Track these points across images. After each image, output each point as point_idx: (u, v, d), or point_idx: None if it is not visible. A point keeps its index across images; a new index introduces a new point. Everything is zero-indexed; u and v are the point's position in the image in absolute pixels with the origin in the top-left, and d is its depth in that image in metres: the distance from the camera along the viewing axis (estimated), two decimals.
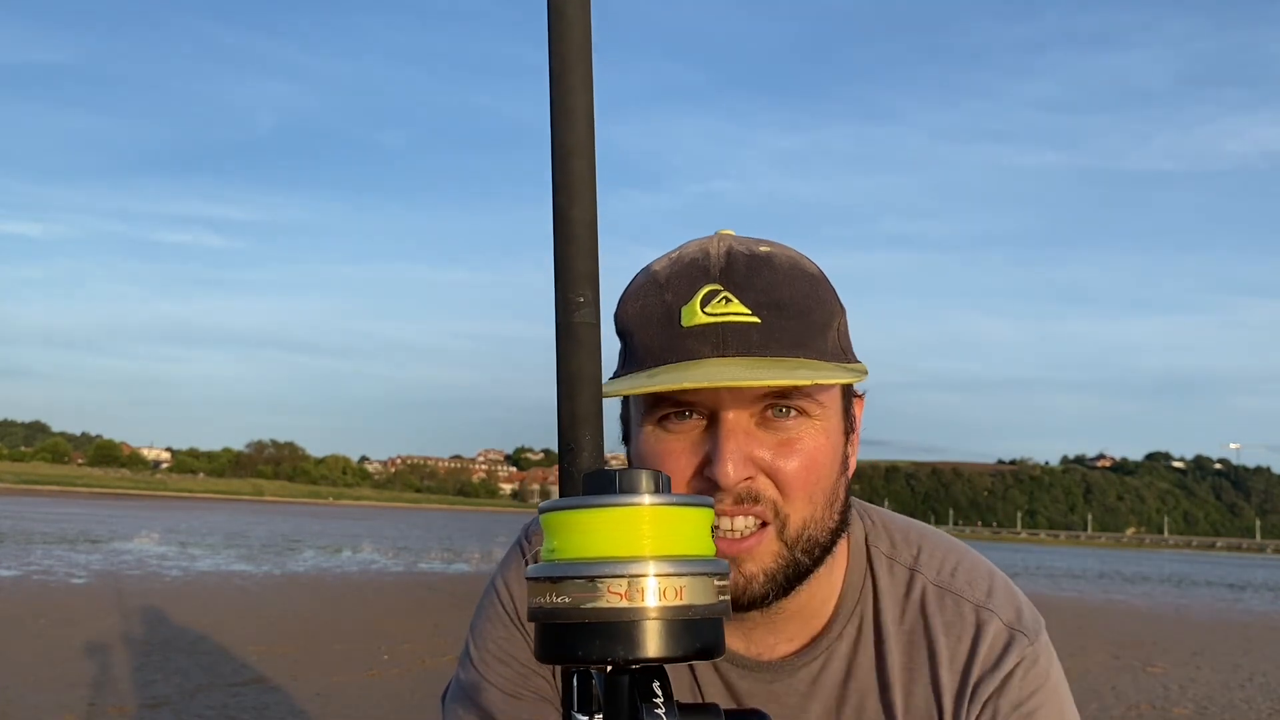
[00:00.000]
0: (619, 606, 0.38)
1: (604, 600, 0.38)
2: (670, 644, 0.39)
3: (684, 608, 0.39)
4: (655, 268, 0.94)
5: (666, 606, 0.38)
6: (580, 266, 0.43)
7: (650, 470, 0.41)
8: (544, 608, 0.40)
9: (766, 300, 0.88)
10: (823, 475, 0.91)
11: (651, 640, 0.38)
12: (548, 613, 0.40)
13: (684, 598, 0.39)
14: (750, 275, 0.89)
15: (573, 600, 0.39)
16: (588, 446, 0.44)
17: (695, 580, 0.39)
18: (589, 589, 0.39)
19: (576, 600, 0.39)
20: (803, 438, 0.89)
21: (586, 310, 0.43)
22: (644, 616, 0.38)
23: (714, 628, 0.40)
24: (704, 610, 0.39)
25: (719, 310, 0.88)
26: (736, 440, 0.87)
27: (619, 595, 0.38)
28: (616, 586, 0.38)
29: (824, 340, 0.91)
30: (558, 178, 0.43)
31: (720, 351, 0.86)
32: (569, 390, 0.44)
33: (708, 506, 0.42)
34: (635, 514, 0.39)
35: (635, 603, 0.38)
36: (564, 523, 0.40)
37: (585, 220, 0.43)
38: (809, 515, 0.90)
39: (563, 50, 0.43)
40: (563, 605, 0.39)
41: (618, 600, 0.38)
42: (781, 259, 0.92)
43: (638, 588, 0.38)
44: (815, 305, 0.91)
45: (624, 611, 0.38)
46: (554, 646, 0.40)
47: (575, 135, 0.43)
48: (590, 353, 0.44)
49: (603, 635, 0.38)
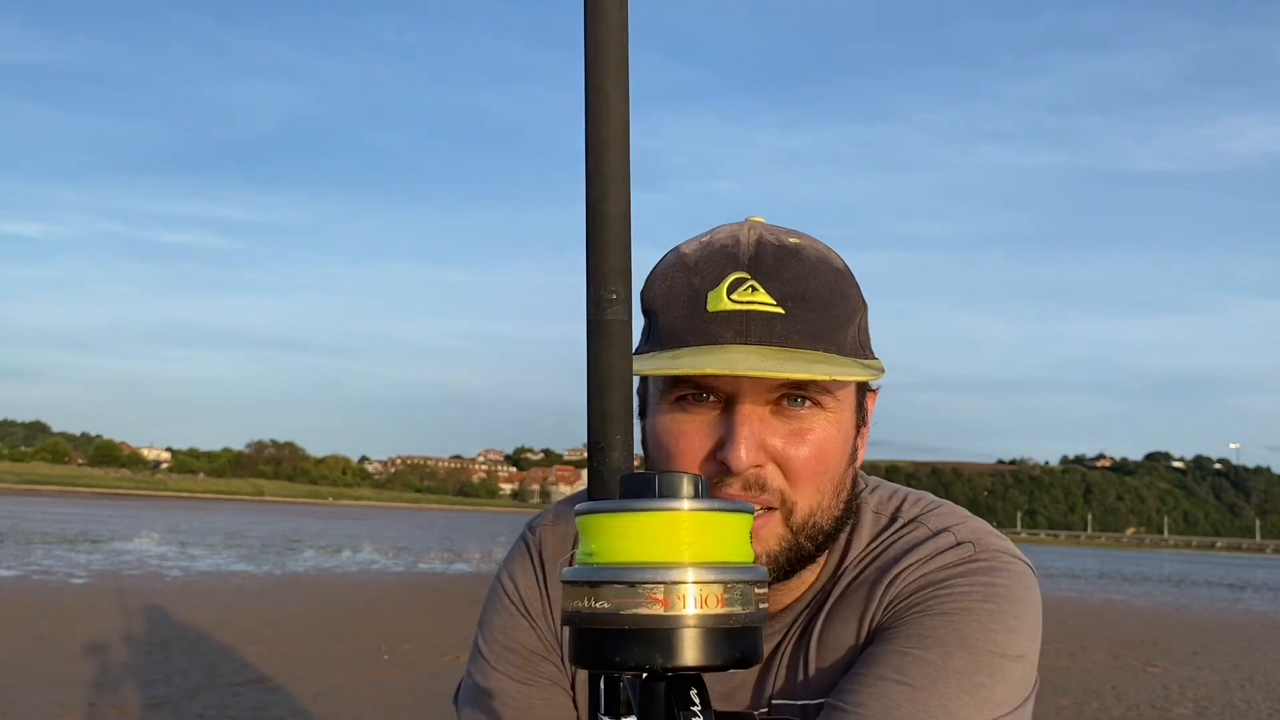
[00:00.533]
0: (659, 614, 0.38)
1: (643, 607, 0.38)
2: (709, 653, 0.38)
3: (723, 616, 0.38)
4: (685, 250, 0.95)
5: (706, 614, 0.38)
6: (612, 262, 0.43)
7: (690, 474, 0.40)
8: (581, 612, 0.39)
9: (792, 292, 0.89)
10: (831, 465, 0.92)
11: (690, 649, 0.38)
12: (585, 617, 0.39)
13: (723, 606, 0.38)
14: (778, 266, 0.90)
15: (612, 606, 0.38)
16: (618, 445, 0.43)
17: (735, 588, 0.39)
18: (628, 595, 0.38)
19: (616, 606, 0.38)
20: (815, 428, 0.90)
21: (618, 307, 0.43)
22: (683, 624, 0.38)
23: (752, 636, 0.40)
24: (743, 619, 0.39)
25: (745, 298, 0.89)
26: (751, 426, 0.88)
27: (658, 602, 0.38)
28: (656, 593, 0.38)
29: (844, 335, 0.92)
30: (591, 169, 0.42)
31: (743, 339, 0.87)
32: (599, 389, 0.43)
33: (747, 512, 0.41)
34: (675, 519, 0.39)
35: (675, 610, 0.38)
36: (602, 526, 0.40)
37: (618, 214, 0.42)
38: (816, 504, 0.92)
39: (598, 38, 0.42)
40: (601, 610, 0.38)
41: (657, 607, 0.38)
42: (810, 252, 0.93)
43: (677, 595, 0.38)
44: (839, 300, 0.92)
45: (663, 619, 0.38)
46: (592, 651, 0.39)
47: (610, 126, 0.42)
48: (622, 351, 0.43)
49: (642, 642, 0.38)
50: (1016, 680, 0.88)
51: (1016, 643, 0.89)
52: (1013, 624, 0.90)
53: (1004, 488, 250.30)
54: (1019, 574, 0.95)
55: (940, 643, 0.88)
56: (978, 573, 0.93)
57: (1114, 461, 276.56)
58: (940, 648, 0.87)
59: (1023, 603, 0.92)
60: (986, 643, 0.88)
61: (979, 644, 0.87)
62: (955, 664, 0.86)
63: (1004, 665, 0.87)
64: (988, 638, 0.88)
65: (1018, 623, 0.90)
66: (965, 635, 0.88)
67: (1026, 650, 0.90)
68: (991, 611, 0.90)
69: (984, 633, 0.88)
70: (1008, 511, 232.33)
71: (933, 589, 0.92)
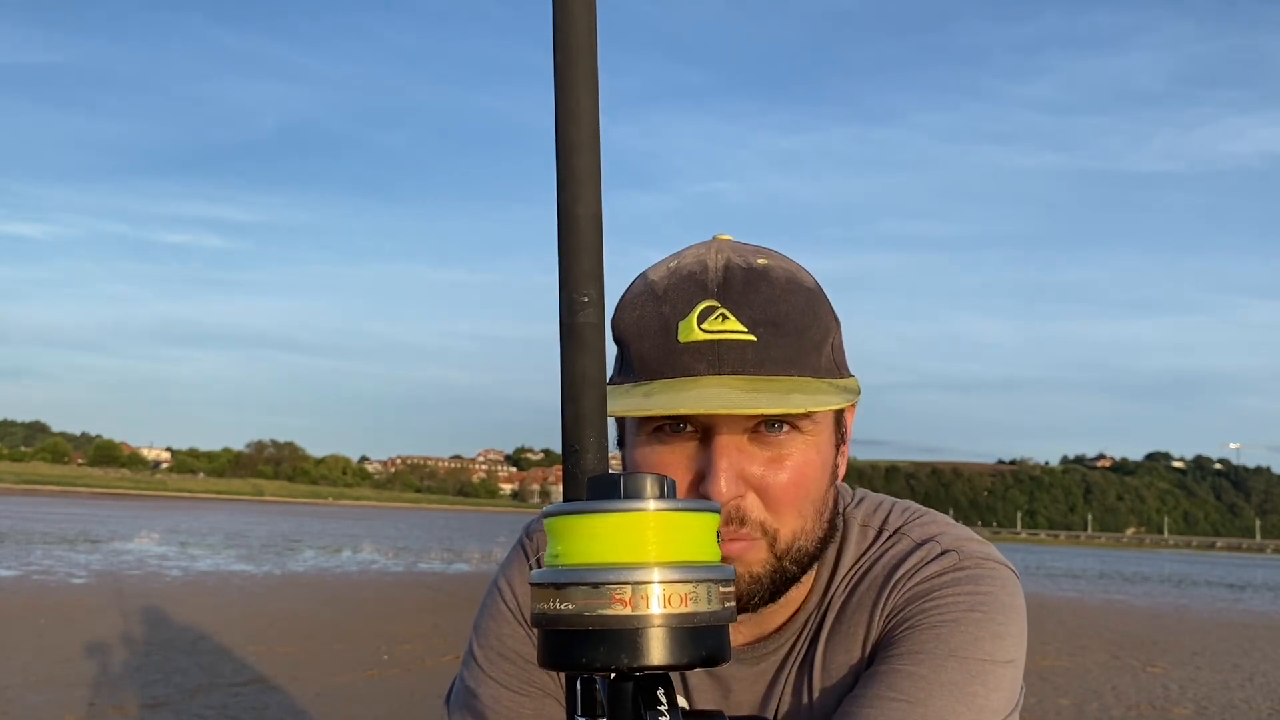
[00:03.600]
0: (624, 614, 0.38)
1: (609, 607, 0.38)
2: (675, 652, 0.38)
3: (689, 615, 0.38)
4: (653, 277, 0.94)
5: (671, 614, 0.38)
6: (584, 265, 0.43)
7: (656, 475, 0.40)
8: (548, 614, 0.39)
9: (763, 318, 0.89)
10: (811, 488, 0.92)
11: (656, 648, 0.38)
12: (551, 619, 0.39)
13: (689, 605, 0.38)
14: (747, 292, 0.90)
15: (577, 607, 0.38)
16: (592, 448, 0.43)
17: (700, 587, 0.39)
18: (593, 595, 0.38)
19: (581, 607, 0.38)
20: (793, 453, 0.91)
21: (590, 310, 0.43)
22: (649, 624, 0.38)
23: (719, 635, 0.40)
24: (709, 617, 0.39)
25: (716, 328, 0.88)
26: (729, 458, 0.88)
27: (623, 602, 0.38)
28: (621, 593, 0.38)
29: (818, 357, 0.92)
30: (562, 173, 0.43)
31: (716, 369, 0.87)
32: (573, 392, 0.43)
33: (714, 511, 0.41)
34: (640, 519, 0.39)
35: (640, 610, 0.38)
36: (568, 528, 0.40)
37: (589, 217, 0.42)
38: (799, 528, 0.92)
39: (567, 43, 0.42)
40: (567, 612, 0.38)
41: (622, 608, 0.38)
42: (779, 272, 0.93)
43: (642, 595, 0.38)
44: (811, 321, 0.92)
45: (629, 619, 0.38)
46: (558, 653, 0.39)
47: (579, 130, 0.42)
48: (594, 354, 0.43)
49: (607, 642, 0.38)
50: (1008, 686, 0.90)
51: (1005, 649, 0.91)
52: (1000, 630, 0.91)
53: (1004, 488, 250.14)
54: (1002, 580, 0.96)
55: (932, 656, 0.89)
56: (963, 582, 0.94)
57: (1114, 461, 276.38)
58: (932, 661, 0.89)
59: (1008, 608, 0.94)
60: (977, 652, 0.89)
61: (970, 654, 0.89)
62: (948, 676, 0.88)
63: (995, 672, 0.89)
64: (977, 647, 0.90)
65: (1004, 629, 0.92)
66: (955, 647, 0.89)
67: (1015, 655, 0.92)
68: (979, 620, 0.91)
69: (973, 642, 0.90)
70: (1008, 511, 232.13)
71: (921, 601, 0.94)
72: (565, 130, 0.42)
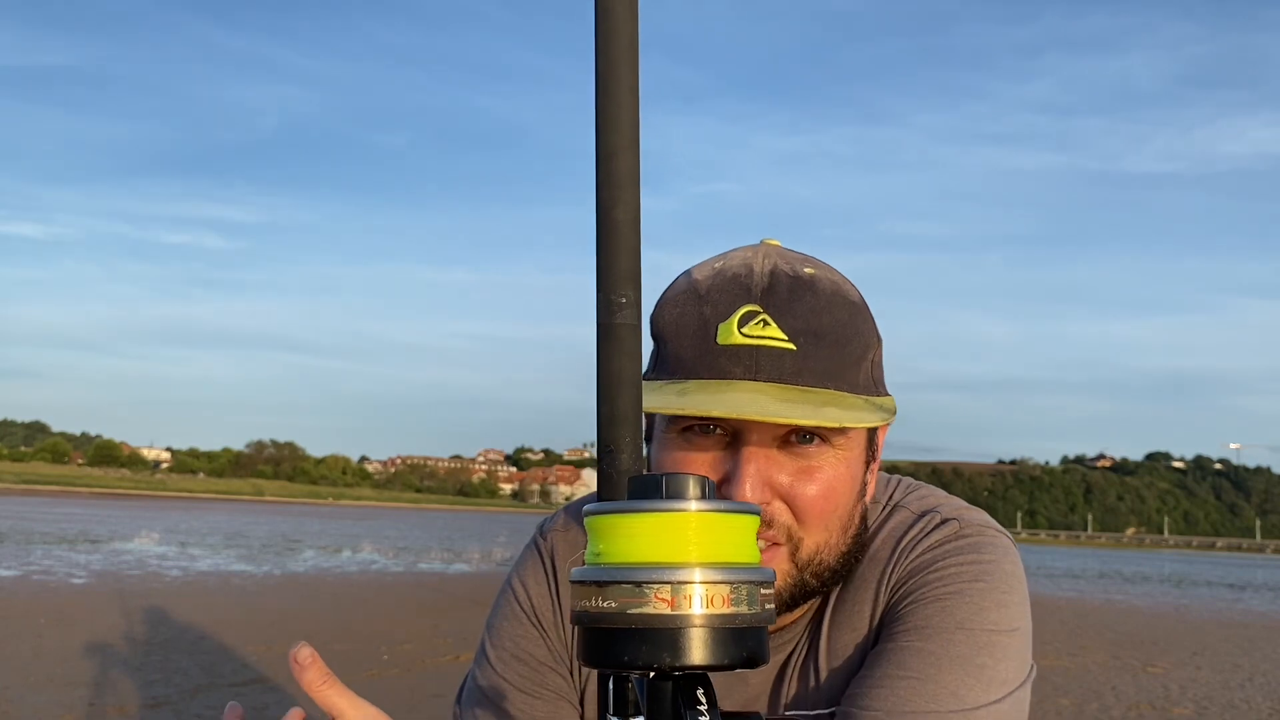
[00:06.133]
0: (665, 613, 0.38)
1: (650, 606, 0.38)
2: (715, 652, 0.38)
3: (729, 616, 0.38)
4: (697, 276, 0.93)
5: (712, 614, 0.38)
6: (622, 266, 0.43)
7: (698, 475, 0.40)
8: (589, 612, 0.39)
9: (804, 327, 0.87)
10: (840, 504, 0.91)
11: (697, 648, 0.38)
12: (593, 617, 0.39)
13: (730, 606, 0.39)
14: (791, 300, 0.89)
15: (619, 605, 0.38)
16: (627, 448, 0.43)
17: (741, 588, 0.39)
18: (635, 594, 0.38)
19: (622, 605, 0.38)
20: (824, 466, 0.89)
21: (628, 311, 0.43)
22: (689, 624, 0.38)
23: (759, 636, 0.40)
24: (749, 619, 0.39)
25: (756, 333, 0.87)
26: (757, 464, 0.87)
27: (665, 602, 0.38)
28: (663, 593, 0.38)
29: (857, 372, 0.90)
30: (601, 176, 0.43)
31: (752, 375, 0.86)
32: (608, 392, 0.43)
33: (754, 514, 0.42)
34: (682, 520, 0.39)
35: (681, 610, 0.38)
36: (610, 526, 0.40)
37: (629, 220, 0.43)
38: (823, 541, 0.91)
39: (609, 48, 0.42)
40: (609, 610, 0.39)
41: (664, 607, 0.38)
42: (825, 284, 0.91)
43: (684, 594, 0.38)
44: (853, 336, 0.90)
45: (670, 618, 0.38)
46: (599, 651, 0.40)
47: (620, 134, 0.43)
48: (630, 354, 0.43)
49: (649, 641, 0.38)
50: (1016, 654, 0.89)
51: (1010, 617, 0.90)
52: (1004, 599, 0.91)
53: (1004, 488, 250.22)
54: (1003, 548, 0.96)
55: (938, 631, 0.88)
56: (965, 551, 0.93)
57: (1114, 461, 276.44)
58: (939, 636, 0.88)
59: (1010, 576, 0.93)
60: (983, 622, 0.89)
61: (976, 624, 0.88)
62: (956, 649, 0.87)
63: (1003, 642, 0.89)
64: (983, 617, 0.89)
65: (1008, 597, 0.91)
66: (961, 619, 0.89)
67: (1020, 624, 0.91)
68: (983, 590, 0.90)
69: (979, 613, 0.89)
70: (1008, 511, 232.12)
71: (924, 573, 0.93)
72: (606, 134, 0.43)
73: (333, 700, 0.76)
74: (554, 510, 1.13)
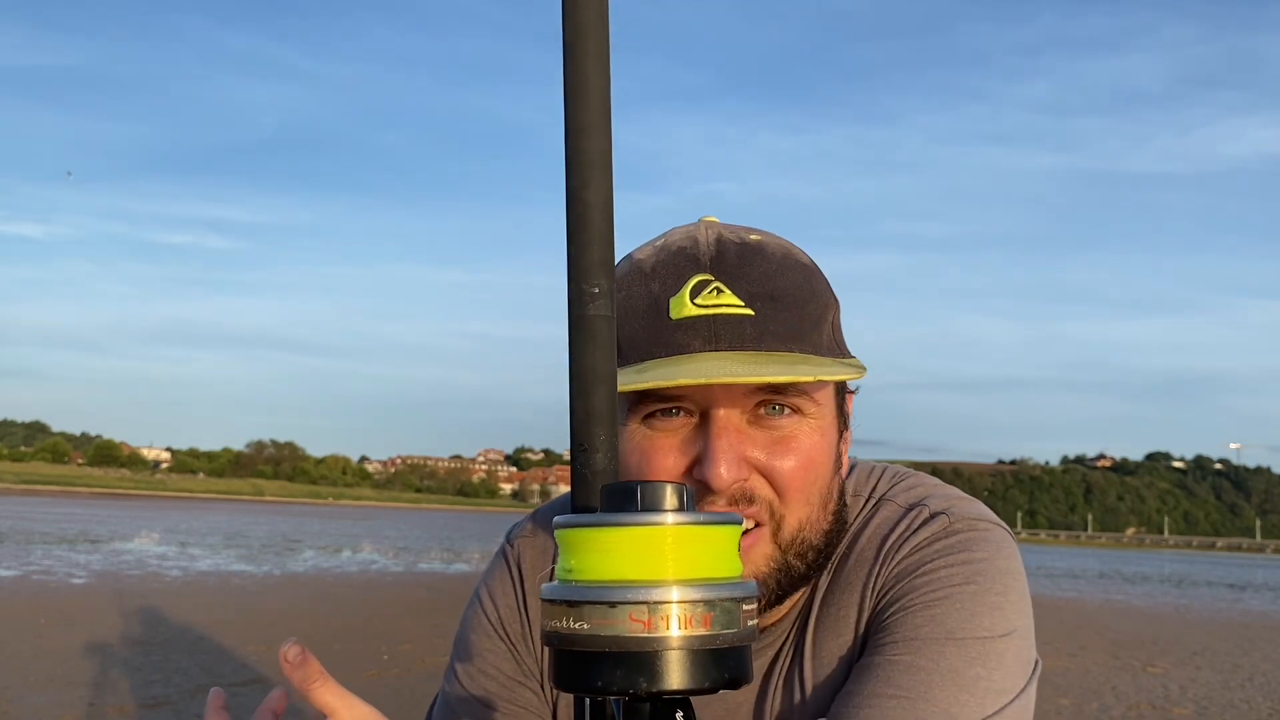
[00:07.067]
0: (641, 635, 0.35)
1: (626, 628, 0.35)
2: (695, 675, 0.36)
3: (710, 636, 0.36)
4: (639, 256, 0.89)
5: (691, 635, 0.35)
6: (594, 254, 0.40)
7: (676, 484, 0.38)
8: (560, 633, 0.37)
9: (760, 291, 0.83)
10: (819, 475, 0.86)
11: (675, 671, 0.35)
12: (565, 639, 0.37)
13: (710, 626, 0.36)
14: (742, 265, 0.85)
15: (592, 627, 0.36)
16: (602, 447, 0.40)
17: (722, 606, 0.36)
18: (609, 615, 0.36)
19: (596, 627, 0.36)
20: (798, 436, 0.85)
21: (601, 302, 0.40)
22: (667, 646, 0.35)
23: (740, 656, 0.37)
24: (731, 638, 0.36)
25: (710, 302, 0.83)
26: (729, 439, 0.82)
27: (641, 623, 0.35)
28: (639, 614, 0.35)
29: (819, 334, 0.86)
30: (570, 156, 0.40)
31: (712, 345, 0.81)
32: (582, 387, 0.40)
33: (735, 524, 0.39)
34: (658, 534, 0.36)
35: (658, 631, 0.35)
36: (582, 540, 0.37)
37: (600, 203, 0.40)
38: (805, 517, 0.86)
39: (578, 18, 0.39)
40: (581, 632, 0.36)
41: (640, 629, 0.35)
42: (774, 247, 0.88)
43: (661, 615, 0.35)
44: (810, 297, 0.86)
45: (647, 641, 0.35)
46: (572, 674, 0.37)
47: (589, 110, 0.40)
48: (605, 348, 0.41)
49: (625, 665, 0.35)
50: (1013, 659, 0.83)
51: (1005, 619, 0.84)
52: (997, 600, 0.85)
53: (1004, 488, 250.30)
54: (996, 542, 0.89)
55: (928, 643, 0.82)
56: (954, 550, 0.87)
57: (1114, 461, 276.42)
58: (929, 648, 0.82)
59: (1005, 574, 0.87)
60: (974, 629, 0.83)
61: (968, 633, 0.82)
62: (948, 662, 0.81)
63: (997, 648, 0.82)
64: (974, 623, 0.83)
65: (1002, 598, 0.85)
66: (952, 628, 0.83)
67: (1017, 624, 0.85)
68: (974, 593, 0.84)
69: (970, 619, 0.83)
70: (1008, 511, 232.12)
71: (911, 578, 0.87)
72: (574, 110, 0.40)
73: (325, 699, 0.73)
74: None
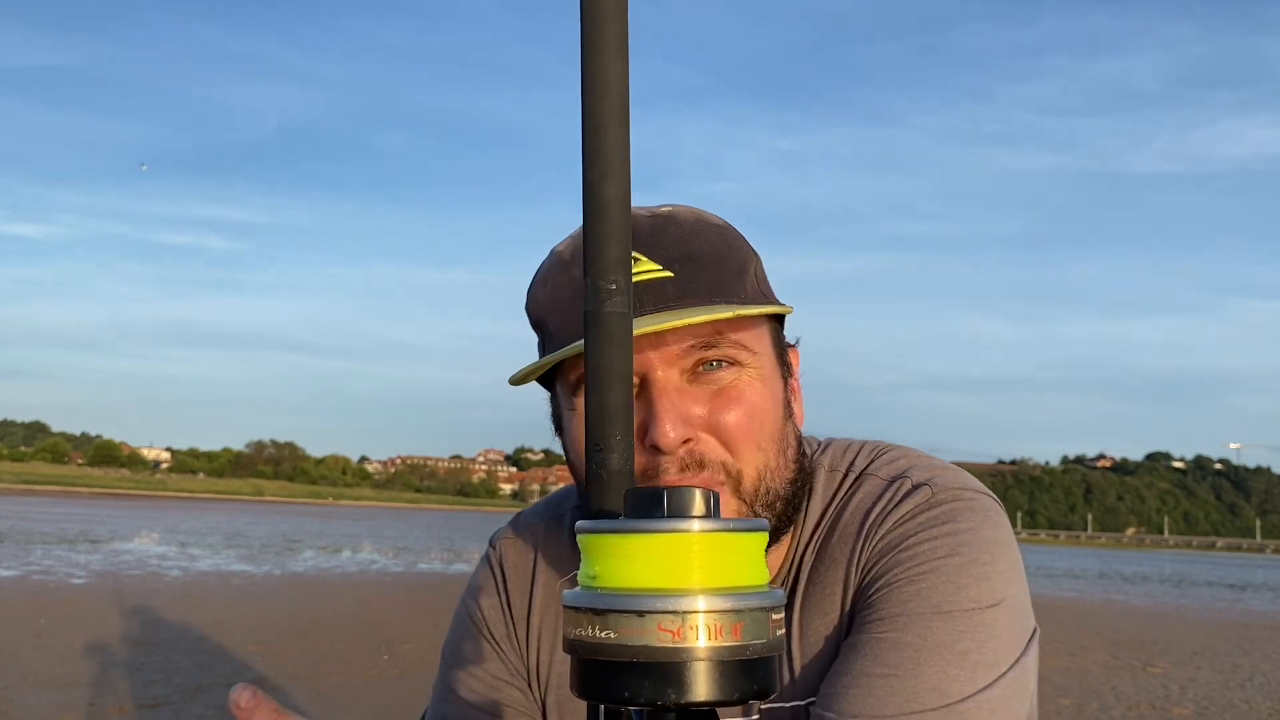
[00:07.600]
0: (671, 646, 0.34)
1: (655, 638, 0.34)
2: (724, 686, 0.35)
3: (739, 647, 0.35)
4: (559, 248, 0.93)
5: (720, 646, 0.34)
6: (613, 251, 0.39)
7: (702, 489, 0.36)
8: (586, 641, 0.36)
9: (677, 254, 0.85)
10: (766, 421, 0.86)
11: (703, 682, 0.34)
12: (591, 647, 0.36)
13: (740, 636, 0.35)
14: (655, 233, 0.87)
15: (620, 636, 0.35)
16: (618, 446, 0.40)
17: (751, 616, 0.35)
18: (638, 625, 0.35)
19: (624, 636, 0.35)
20: (738, 386, 0.85)
21: (619, 299, 0.39)
22: (695, 657, 0.34)
23: (768, 666, 0.36)
24: (760, 649, 0.35)
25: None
26: (670, 398, 0.82)
27: (671, 633, 0.34)
28: (668, 623, 0.34)
29: (742, 285, 0.87)
30: (589, 150, 0.39)
31: (637, 312, 0.82)
32: (599, 385, 0.39)
33: (762, 530, 0.38)
34: (685, 541, 0.35)
35: (687, 642, 0.34)
36: (606, 547, 0.36)
37: (619, 198, 0.39)
38: (762, 465, 0.85)
39: (596, 9, 0.39)
40: (609, 641, 0.35)
41: (669, 639, 0.34)
42: (685, 214, 0.90)
43: (690, 625, 0.34)
44: (727, 252, 0.88)
45: (675, 651, 0.34)
46: (596, 684, 0.36)
47: (609, 102, 0.39)
48: (622, 345, 0.40)
49: (653, 675, 0.34)
50: (1004, 629, 0.81)
51: (993, 589, 0.82)
52: (984, 571, 0.83)
53: (1004, 488, 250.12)
54: (981, 511, 0.88)
55: (914, 618, 0.81)
56: (939, 522, 0.86)
57: (1114, 461, 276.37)
58: (916, 624, 0.80)
59: (991, 543, 0.85)
60: (961, 601, 0.81)
61: (955, 605, 0.81)
62: (935, 637, 0.79)
63: (987, 619, 0.81)
64: (961, 595, 0.81)
65: (989, 568, 0.83)
66: (938, 602, 0.81)
67: (1007, 593, 0.83)
68: (959, 565, 0.83)
69: (956, 591, 0.81)
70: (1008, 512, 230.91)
71: (895, 552, 0.85)
72: (593, 102, 0.39)
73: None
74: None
